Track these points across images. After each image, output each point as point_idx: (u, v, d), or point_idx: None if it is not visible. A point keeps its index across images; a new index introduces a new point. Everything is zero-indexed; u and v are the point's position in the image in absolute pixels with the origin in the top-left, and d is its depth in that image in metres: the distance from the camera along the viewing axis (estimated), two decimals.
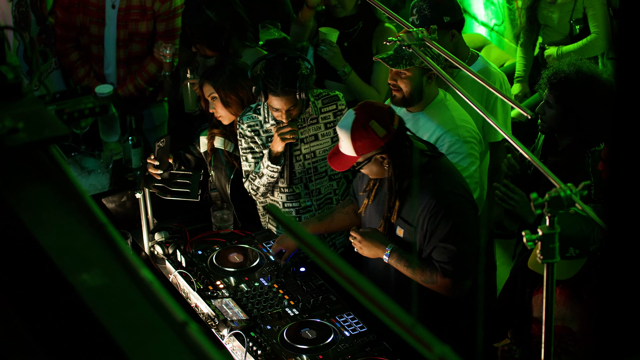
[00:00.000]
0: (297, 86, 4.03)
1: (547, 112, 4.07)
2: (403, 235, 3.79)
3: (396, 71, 4.13)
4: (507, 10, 6.61)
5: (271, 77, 4.04)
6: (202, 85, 4.46)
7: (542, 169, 2.87)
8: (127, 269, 1.69)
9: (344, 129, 3.66)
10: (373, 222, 3.90)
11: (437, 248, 3.70)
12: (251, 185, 4.33)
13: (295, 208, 4.37)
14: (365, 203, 3.91)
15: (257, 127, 4.29)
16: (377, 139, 3.63)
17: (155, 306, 1.62)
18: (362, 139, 3.62)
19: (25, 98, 1.94)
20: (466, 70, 3.56)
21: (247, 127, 4.30)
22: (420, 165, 3.73)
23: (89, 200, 1.81)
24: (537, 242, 2.57)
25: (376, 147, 3.64)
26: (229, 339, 3.75)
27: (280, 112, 4.11)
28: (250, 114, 4.31)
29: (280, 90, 4.03)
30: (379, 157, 3.67)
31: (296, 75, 4.03)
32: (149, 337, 1.62)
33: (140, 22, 5.24)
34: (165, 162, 4.47)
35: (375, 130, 3.62)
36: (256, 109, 4.31)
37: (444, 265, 3.70)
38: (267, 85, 4.05)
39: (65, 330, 1.78)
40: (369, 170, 3.74)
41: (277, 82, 4.02)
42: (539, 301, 3.53)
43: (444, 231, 3.67)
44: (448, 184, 3.72)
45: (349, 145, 3.65)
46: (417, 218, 3.72)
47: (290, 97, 4.06)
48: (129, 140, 4.90)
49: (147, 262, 4.28)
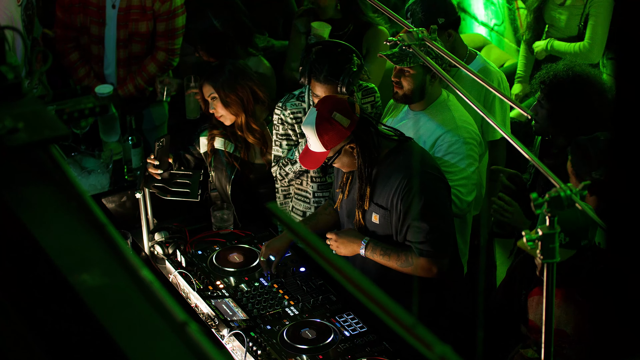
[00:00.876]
0: (341, 78, 4.06)
1: (539, 112, 4.07)
2: (379, 221, 3.82)
3: (400, 68, 4.14)
4: (507, 10, 6.61)
5: (319, 63, 4.08)
6: (202, 85, 4.46)
7: (542, 169, 2.87)
8: (127, 269, 1.69)
9: (309, 126, 3.71)
10: (350, 215, 3.94)
11: (411, 227, 3.74)
12: (280, 171, 4.37)
13: (327, 197, 4.38)
14: (340, 198, 3.96)
15: (301, 115, 4.31)
16: (343, 129, 3.69)
17: (155, 306, 1.62)
18: (328, 132, 3.68)
19: (25, 98, 1.94)
20: (466, 70, 3.55)
21: (290, 113, 4.32)
22: (389, 149, 3.78)
23: (89, 200, 1.81)
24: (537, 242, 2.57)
25: (343, 137, 3.70)
26: (229, 339, 3.75)
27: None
28: (294, 100, 4.34)
29: (323, 77, 4.08)
30: (348, 148, 3.72)
31: (343, 67, 4.07)
32: (149, 337, 1.62)
33: (141, 22, 5.24)
34: (165, 162, 4.47)
35: (340, 121, 3.68)
36: (299, 96, 4.34)
37: (418, 245, 3.74)
38: (313, 70, 4.09)
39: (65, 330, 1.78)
40: (341, 163, 3.79)
41: (322, 68, 4.07)
42: (533, 303, 3.53)
43: (416, 209, 3.71)
44: (418, 163, 3.77)
45: (317, 142, 3.70)
46: (390, 200, 3.77)
47: (331, 87, 4.09)
48: (129, 140, 4.90)
49: (147, 262, 4.28)
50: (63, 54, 5.36)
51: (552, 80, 4.01)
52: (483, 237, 4.68)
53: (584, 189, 2.60)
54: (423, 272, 3.78)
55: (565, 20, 5.48)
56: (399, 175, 3.73)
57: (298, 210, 4.48)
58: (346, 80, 4.06)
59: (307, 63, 4.11)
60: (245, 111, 4.43)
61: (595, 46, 5.37)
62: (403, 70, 4.14)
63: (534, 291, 3.54)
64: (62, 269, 1.70)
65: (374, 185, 3.81)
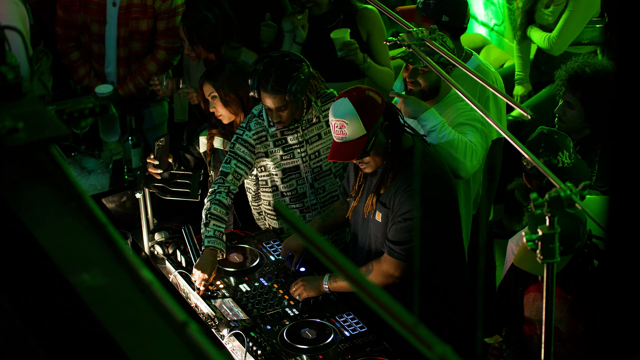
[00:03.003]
0: (288, 87, 4.03)
1: (567, 113, 4.10)
2: (381, 219, 3.83)
3: (414, 67, 4.15)
4: (507, 10, 6.61)
5: (266, 73, 4.05)
6: (202, 84, 4.46)
7: (541, 168, 2.87)
8: (127, 269, 1.69)
9: (346, 113, 3.70)
10: (358, 219, 3.96)
11: (395, 224, 3.75)
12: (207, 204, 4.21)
13: (299, 208, 4.37)
14: (353, 205, 3.95)
15: (264, 133, 4.27)
16: (378, 104, 3.73)
17: (155, 306, 1.62)
18: (369, 109, 3.70)
19: (25, 98, 1.94)
20: (465, 70, 3.55)
21: (255, 133, 4.24)
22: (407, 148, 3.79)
23: (89, 200, 1.81)
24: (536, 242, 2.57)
25: (380, 112, 3.73)
26: (229, 339, 3.75)
27: (271, 112, 4.12)
28: (256, 119, 4.27)
29: (270, 88, 4.04)
30: (383, 127, 3.73)
31: (290, 76, 4.03)
32: (149, 337, 1.62)
33: (141, 20, 5.24)
34: (164, 162, 4.47)
35: (375, 96, 3.74)
36: (259, 115, 4.29)
37: (392, 245, 3.76)
38: (260, 81, 4.06)
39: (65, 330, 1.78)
40: (374, 151, 3.75)
41: (269, 79, 4.03)
42: (529, 300, 3.54)
43: (406, 209, 3.72)
44: (425, 165, 3.78)
45: (358, 124, 3.69)
46: (391, 199, 3.78)
47: (279, 97, 4.06)
48: (129, 140, 4.90)
49: (147, 262, 4.28)
50: (64, 53, 5.36)
51: (582, 82, 4.04)
52: (482, 237, 4.68)
53: (584, 188, 2.60)
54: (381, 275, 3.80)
55: (552, 22, 5.51)
56: (405, 176, 3.74)
57: (273, 219, 4.46)
58: (293, 88, 4.03)
59: (255, 75, 4.08)
60: (244, 110, 4.42)
61: (561, 39, 5.40)
62: (417, 69, 4.14)
63: (531, 288, 3.54)
64: (62, 269, 1.70)
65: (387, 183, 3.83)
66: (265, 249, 4.31)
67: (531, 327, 3.55)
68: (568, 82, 4.08)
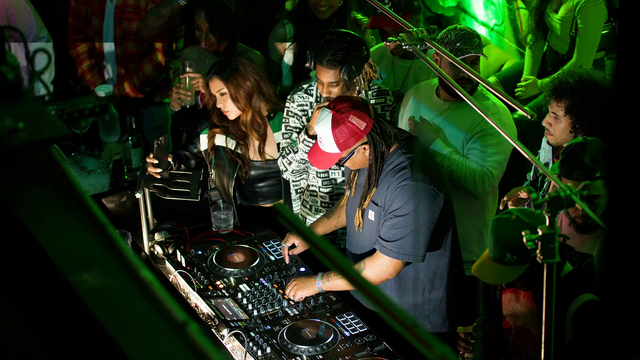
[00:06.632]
0: (343, 64, 4.07)
1: (553, 124, 4.07)
2: (374, 218, 3.83)
3: None
4: (507, 10, 6.60)
5: (325, 48, 4.10)
6: (210, 80, 4.45)
7: (543, 169, 2.87)
8: (127, 269, 1.69)
9: (324, 128, 3.68)
10: (352, 213, 3.95)
11: (386, 221, 3.74)
12: (284, 160, 4.37)
13: (329, 194, 4.39)
14: (347, 195, 3.97)
15: (307, 108, 4.33)
16: (359, 132, 3.67)
17: (155, 306, 1.62)
18: (344, 134, 3.66)
19: (25, 98, 1.94)
20: (464, 70, 3.56)
21: (298, 105, 4.35)
22: (394, 148, 3.77)
23: (89, 200, 1.81)
24: None
25: (358, 139, 3.69)
26: (229, 339, 3.75)
27: (323, 86, 4.16)
28: (301, 93, 4.37)
29: (327, 61, 4.10)
30: (361, 149, 3.71)
31: (347, 54, 4.09)
32: (149, 337, 1.62)
33: (133, 22, 5.25)
34: (164, 161, 4.47)
35: (356, 124, 3.66)
36: (307, 89, 4.37)
37: (383, 243, 3.75)
38: (318, 54, 4.12)
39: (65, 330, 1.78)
40: (352, 163, 3.78)
41: (326, 52, 4.09)
42: (507, 299, 3.53)
43: (397, 207, 3.71)
44: (418, 164, 3.76)
45: (332, 144, 3.68)
46: (384, 198, 3.77)
47: (333, 72, 4.11)
48: (129, 140, 4.90)
49: (147, 262, 4.28)
50: (72, 44, 5.40)
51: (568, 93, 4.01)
52: None
53: (584, 189, 2.60)
54: (374, 272, 3.80)
55: (560, 29, 5.50)
56: (396, 175, 3.73)
57: (305, 209, 4.48)
58: (349, 66, 4.07)
59: (314, 48, 4.15)
60: (252, 107, 4.43)
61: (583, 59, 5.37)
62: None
63: (508, 290, 3.53)
64: (62, 269, 1.70)
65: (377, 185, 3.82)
66: (265, 249, 4.31)
67: (507, 324, 3.55)
68: (553, 92, 4.06)
